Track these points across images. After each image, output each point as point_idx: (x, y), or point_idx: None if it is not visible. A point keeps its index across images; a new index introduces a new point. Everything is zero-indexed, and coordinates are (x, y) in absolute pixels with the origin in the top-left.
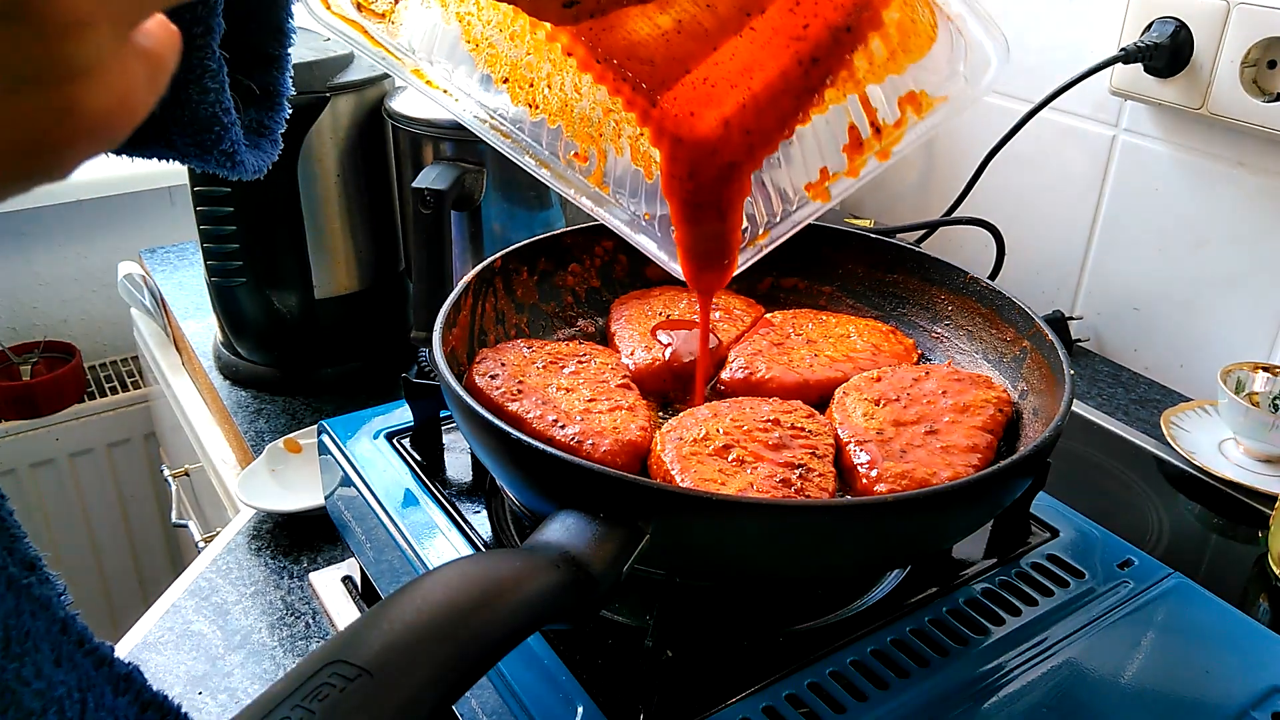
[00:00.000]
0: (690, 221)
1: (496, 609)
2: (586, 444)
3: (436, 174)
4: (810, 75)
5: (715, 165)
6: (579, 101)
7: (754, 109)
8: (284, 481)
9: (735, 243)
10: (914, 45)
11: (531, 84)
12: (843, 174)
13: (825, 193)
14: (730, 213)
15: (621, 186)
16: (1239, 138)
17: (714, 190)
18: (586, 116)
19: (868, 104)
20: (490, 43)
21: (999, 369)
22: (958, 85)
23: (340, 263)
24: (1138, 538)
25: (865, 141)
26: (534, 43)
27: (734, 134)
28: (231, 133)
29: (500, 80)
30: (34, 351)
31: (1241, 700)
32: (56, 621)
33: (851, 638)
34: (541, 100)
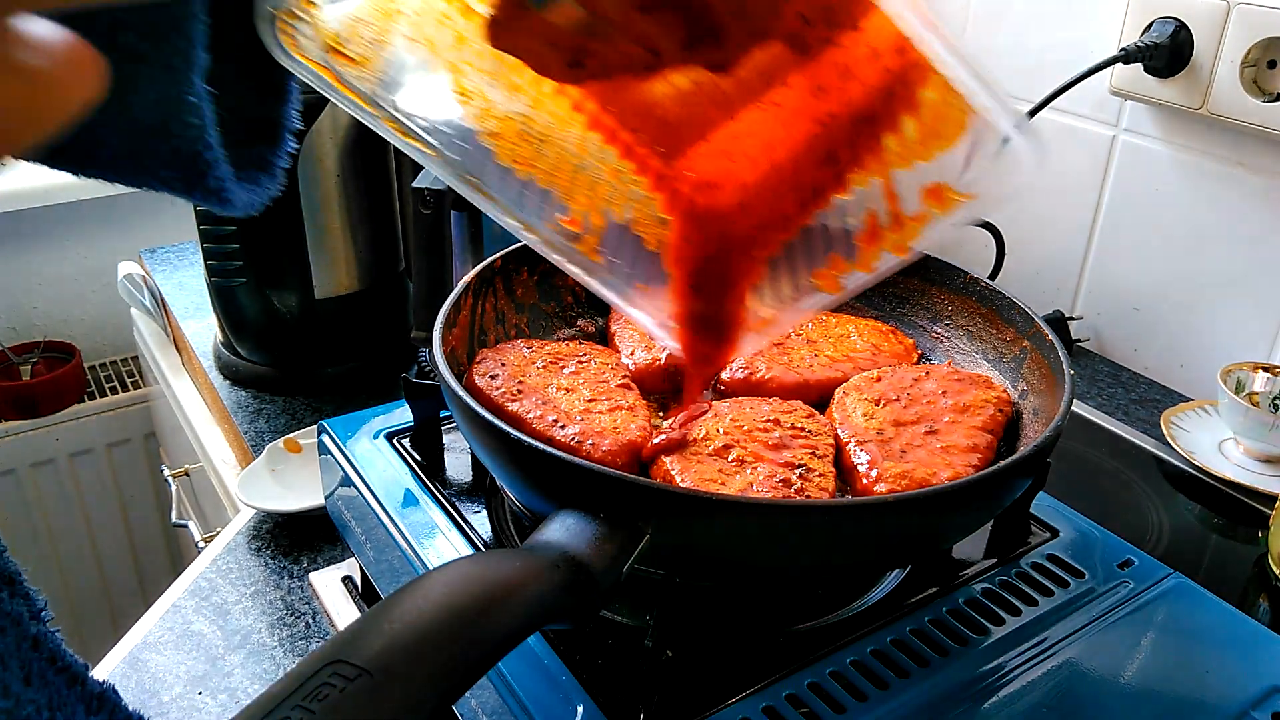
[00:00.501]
0: (694, 295)
1: (496, 609)
2: (586, 444)
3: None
4: (837, 155)
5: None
6: (579, 161)
7: (774, 186)
8: (284, 481)
9: (740, 321)
10: (946, 131)
11: (525, 140)
12: (855, 267)
13: (836, 284)
14: (737, 290)
15: (617, 254)
16: (1239, 138)
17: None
18: (586, 178)
19: (890, 191)
20: (483, 94)
21: (999, 369)
22: (985, 183)
23: (340, 263)
24: (1138, 538)
25: (882, 232)
26: (536, 96)
27: (752, 210)
28: (217, 169)
29: (489, 135)
30: (34, 351)
31: (1241, 700)
32: (27, 638)
33: (851, 638)
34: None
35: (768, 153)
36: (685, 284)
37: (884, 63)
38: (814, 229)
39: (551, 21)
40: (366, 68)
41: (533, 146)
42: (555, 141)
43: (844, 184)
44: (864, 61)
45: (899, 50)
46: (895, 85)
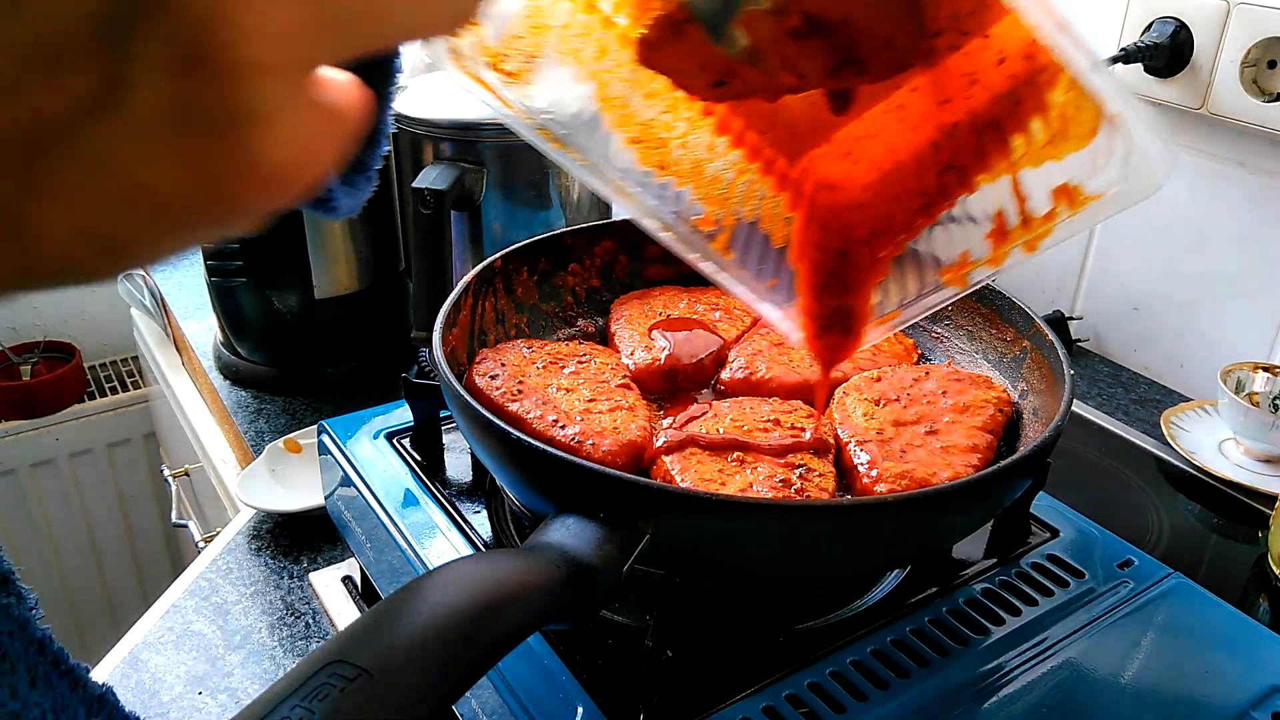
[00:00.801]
0: (818, 292)
1: (496, 609)
2: (587, 444)
3: (436, 174)
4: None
5: (852, 238)
6: (711, 162)
7: (896, 188)
8: (284, 481)
9: (864, 315)
10: (1075, 133)
11: (664, 144)
12: (983, 262)
13: (963, 279)
14: (861, 287)
15: (747, 252)
16: (1239, 138)
17: (847, 262)
18: (718, 178)
19: (1019, 190)
20: (624, 101)
21: (999, 369)
22: (1119, 185)
23: (340, 263)
24: (1138, 538)
25: (1010, 231)
26: (671, 100)
27: (872, 209)
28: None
29: (631, 140)
30: (34, 351)
31: (1241, 700)
32: (34, 642)
33: (851, 638)
34: (672, 161)
35: (890, 155)
36: (809, 279)
37: (1010, 68)
38: (940, 228)
39: (702, 45)
40: (523, 81)
41: (669, 150)
42: (690, 144)
43: (970, 184)
44: (990, 68)
45: (1026, 56)
46: (1022, 89)
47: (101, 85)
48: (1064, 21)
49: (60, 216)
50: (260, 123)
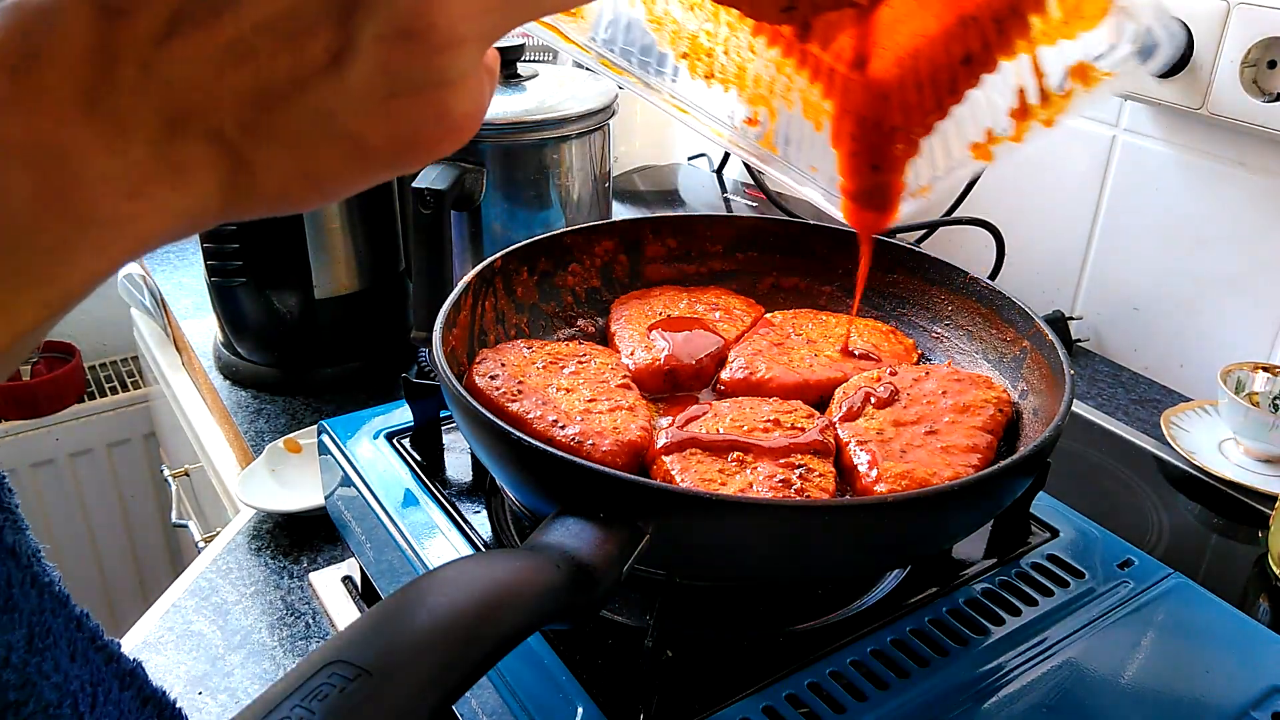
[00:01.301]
0: (856, 171)
1: (496, 609)
2: (587, 444)
3: (436, 174)
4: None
5: (884, 119)
6: (753, 62)
7: (927, 67)
8: (284, 481)
9: (898, 190)
10: (1088, 12)
11: (710, 54)
12: (1007, 138)
13: (988, 153)
14: (895, 165)
15: (790, 143)
16: (1239, 138)
17: (881, 142)
18: (760, 77)
19: (1037, 68)
20: (672, 18)
21: (999, 369)
22: (1127, 64)
23: (340, 263)
24: (1138, 538)
25: (1032, 108)
26: (711, 10)
27: (906, 90)
28: None
29: (680, 55)
30: (34, 351)
31: (1241, 700)
32: (73, 619)
33: (851, 638)
34: (719, 69)
35: (917, 38)
36: (848, 161)
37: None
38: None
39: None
40: (581, 18)
41: (715, 60)
42: (733, 49)
43: (992, 63)
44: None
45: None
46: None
47: (330, 52)
48: None
49: (280, 160)
50: (454, 85)
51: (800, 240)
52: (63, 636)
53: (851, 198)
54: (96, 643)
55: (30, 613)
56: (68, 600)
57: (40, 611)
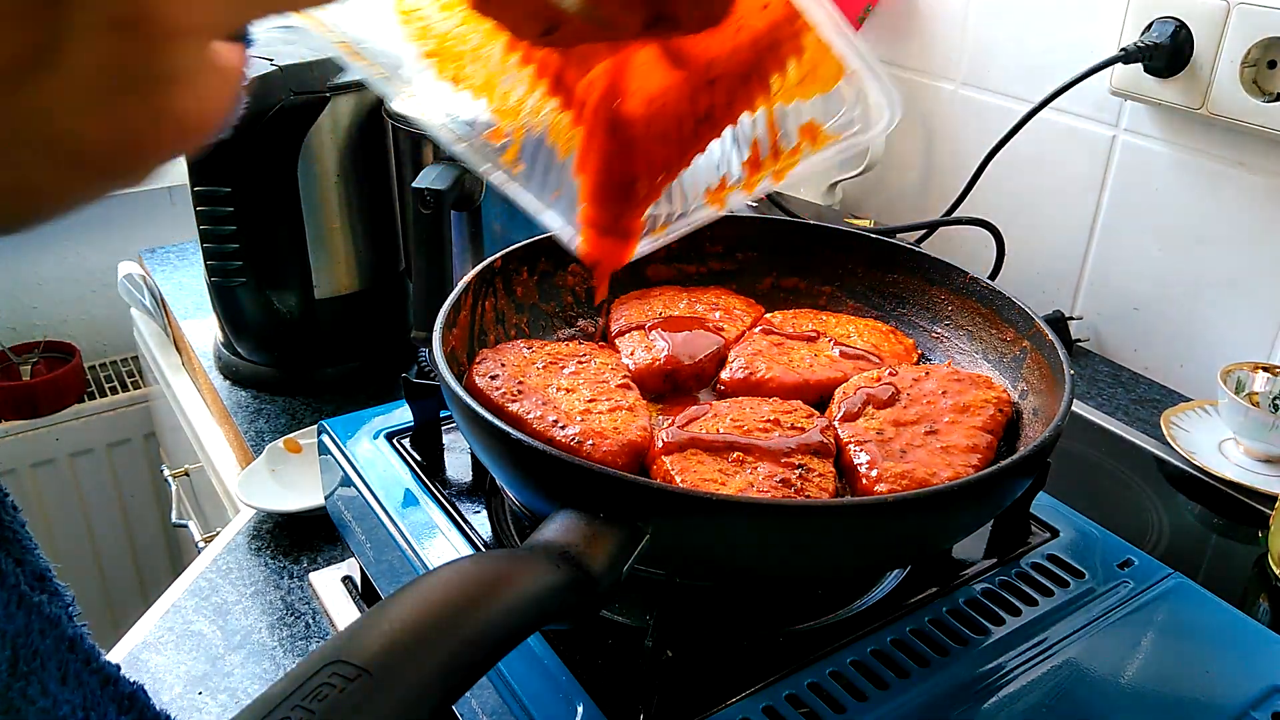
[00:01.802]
0: (598, 203)
1: (496, 609)
2: (587, 444)
3: (436, 174)
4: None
5: (630, 155)
6: (503, 76)
7: (674, 112)
8: (284, 481)
9: (638, 227)
10: (823, 75)
11: (459, 57)
12: (739, 187)
13: (722, 200)
14: (636, 203)
15: (534, 164)
16: (1239, 138)
17: (626, 176)
18: (508, 93)
19: (772, 124)
20: (420, 15)
21: (999, 369)
22: (851, 129)
23: (340, 263)
24: (1138, 538)
25: (763, 161)
26: (465, 15)
27: (653, 130)
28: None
29: (427, 54)
30: (34, 351)
31: (1241, 700)
32: (65, 640)
33: (851, 638)
34: (467, 75)
35: (666, 86)
36: (591, 189)
37: (772, 14)
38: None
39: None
40: None
41: (464, 64)
42: (484, 59)
43: (734, 116)
44: (754, 11)
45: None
46: (783, 30)
47: (40, 45)
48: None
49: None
50: (179, 82)
51: (800, 240)
52: (52, 658)
53: (591, 227)
54: (92, 665)
55: (15, 635)
56: (59, 621)
57: (27, 633)
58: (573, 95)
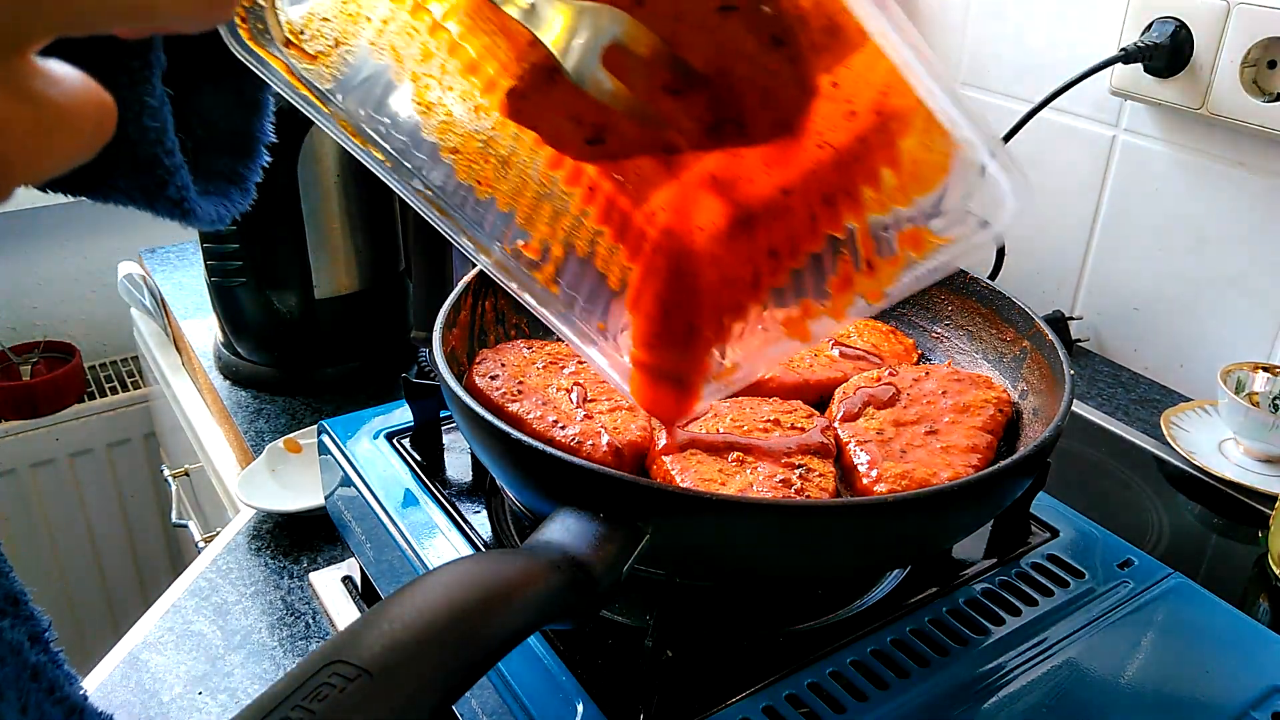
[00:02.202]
0: (656, 344)
1: (496, 609)
2: (587, 444)
3: None
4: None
5: (694, 291)
6: (543, 190)
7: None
8: (284, 481)
9: (701, 373)
10: (925, 175)
11: (487, 160)
12: (826, 313)
13: (805, 331)
14: (699, 345)
15: (575, 288)
16: (1239, 138)
17: (687, 317)
18: (549, 208)
19: (866, 237)
20: (447, 109)
21: (999, 369)
22: (966, 226)
23: (340, 263)
24: (1138, 538)
25: (855, 278)
26: (502, 119)
27: (724, 253)
28: (177, 177)
29: (449, 150)
30: (34, 351)
31: (1241, 700)
32: (27, 668)
33: (851, 638)
34: (495, 179)
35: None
36: (646, 328)
37: (860, 124)
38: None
39: (575, 95)
40: (325, 65)
41: (494, 168)
42: (519, 166)
43: (817, 239)
44: (838, 123)
45: (877, 110)
46: (874, 137)
47: None
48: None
49: None
50: None
51: None
52: (11, 688)
53: (645, 372)
54: (56, 694)
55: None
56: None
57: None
58: (628, 226)
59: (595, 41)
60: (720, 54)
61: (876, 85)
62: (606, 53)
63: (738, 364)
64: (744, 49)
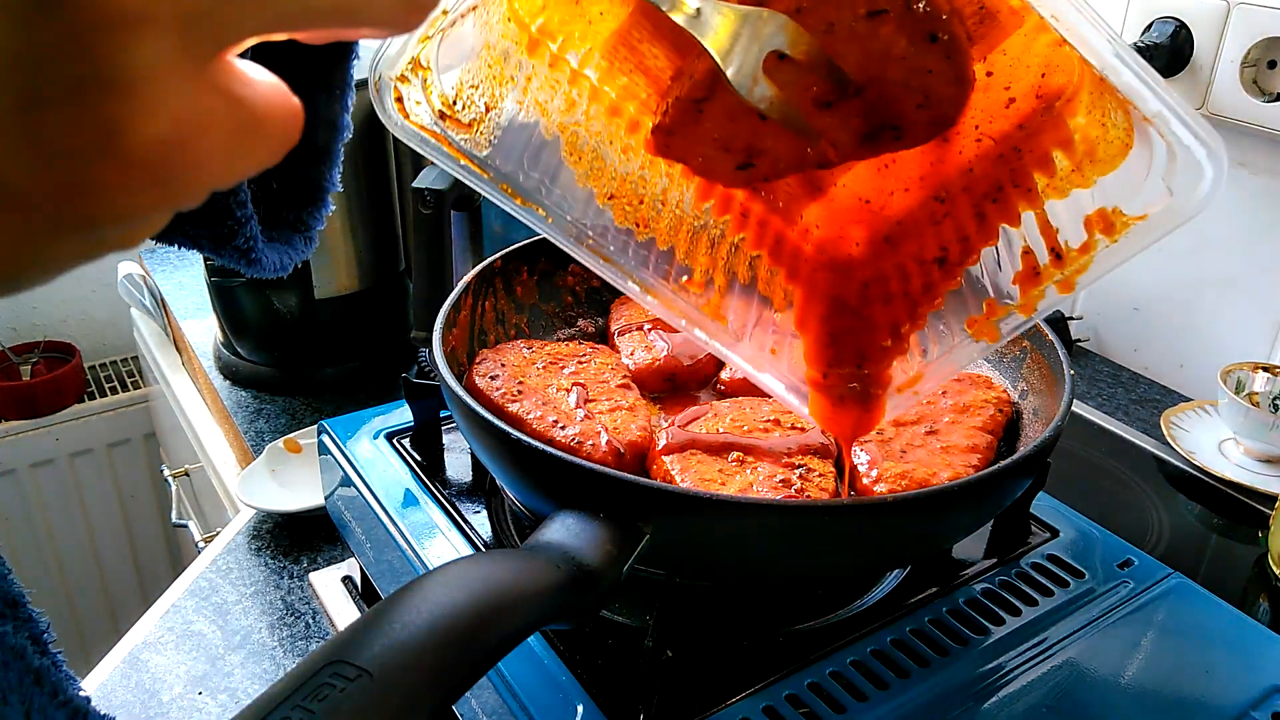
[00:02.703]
0: (828, 362)
1: (497, 609)
2: (587, 444)
3: (437, 174)
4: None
5: (863, 303)
6: (699, 222)
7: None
8: (284, 481)
9: (885, 382)
10: (1104, 154)
11: (642, 201)
12: (1014, 308)
13: (993, 330)
14: (879, 358)
15: (742, 316)
16: (1239, 138)
17: (859, 330)
18: (706, 238)
19: (1046, 225)
20: (597, 155)
21: (999, 369)
22: (1161, 200)
23: (340, 263)
24: (1138, 538)
25: (1043, 270)
26: (649, 159)
27: (884, 275)
28: (247, 228)
29: (605, 197)
30: (34, 351)
31: (1241, 700)
32: (30, 672)
33: (851, 638)
34: (652, 218)
35: (891, 215)
36: (817, 347)
37: (1021, 109)
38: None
39: (723, 122)
40: (479, 132)
41: (650, 207)
42: (671, 202)
43: (990, 233)
44: (998, 112)
45: (1038, 94)
46: (1039, 120)
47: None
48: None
49: None
50: (130, 91)
51: None
52: (14, 692)
53: (823, 392)
54: (59, 698)
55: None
56: (24, 652)
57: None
58: (783, 246)
59: (759, 45)
60: (872, 60)
61: (1035, 67)
62: (764, 60)
63: (922, 373)
64: (897, 51)
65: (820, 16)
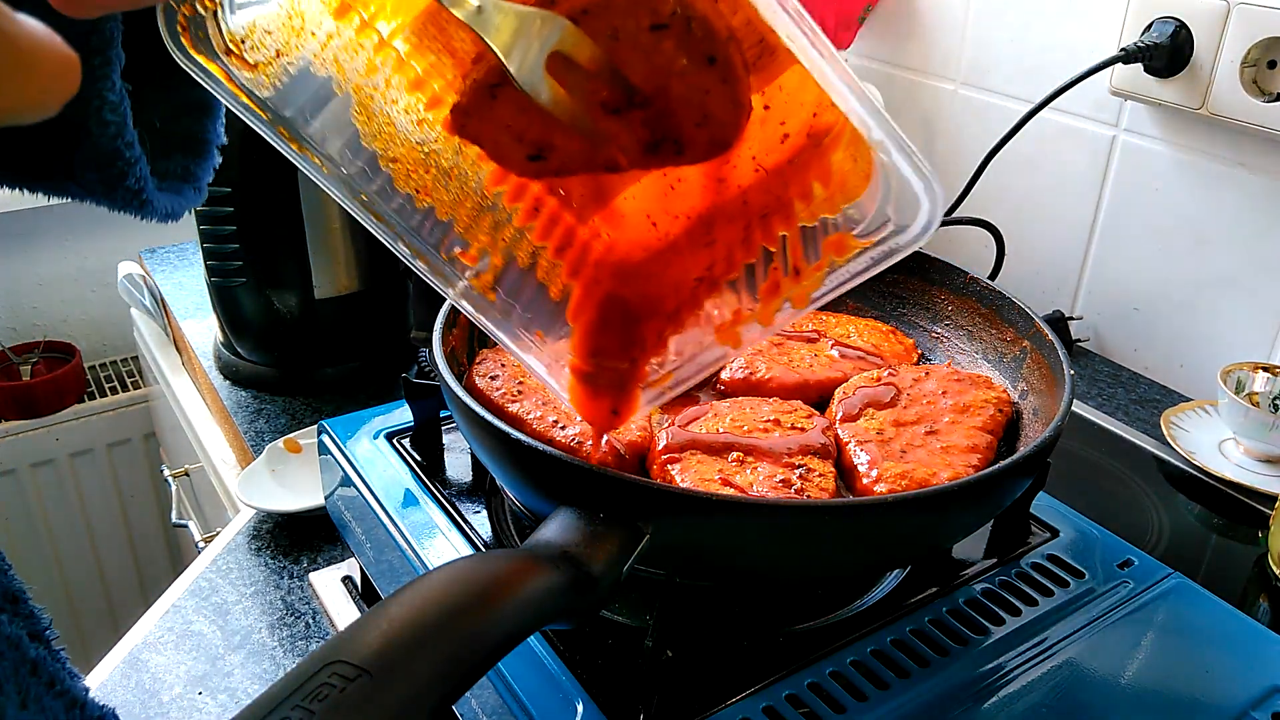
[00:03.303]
0: (594, 354)
1: (496, 609)
2: (587, 444)
3: None
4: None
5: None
6: (484, 201)
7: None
8: (284, 481)
9: (638, 381)
10: (852, 184)
11: (427, 170)
12: (754, 318)
13: (736, 337)
14: (639, 356)
15: (514, 297)
16: (1239, 138)
17: (627, 327)
18: (490, 218)
19: (796, 245)
20: (390, 120)
21: (999, 369)
22: (885, 230)
23: (340, 263)
24: (1138, 538)
25: (782, 283)
26: (444, 134)
27: (660, 279)
28: (136, 169)
29: (389, 160)
30: (34, 351)
31: (1241, 700)
32: (26, 663)
33: (851, 638)
34: (435, 189)
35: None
36: (587, 342)
37: (794, 144)
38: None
39: (517, 111)
40: (264, 74)
41: (435, 178)
42: (460, 178)
43: (752, 251)
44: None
45: (809, 132)
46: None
47: None
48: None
49: None
50: None
51: None
52: (10, 682)
53: (584, 380)
54: (56, 688)
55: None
56: (20, 642)
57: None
58: (570, 242)
59: (539, 46)
60: (656, 73)
61: (808, 105)
62: (550, 60)
63: (672, 372)
64: (678, 68)
65: (606, 22)
